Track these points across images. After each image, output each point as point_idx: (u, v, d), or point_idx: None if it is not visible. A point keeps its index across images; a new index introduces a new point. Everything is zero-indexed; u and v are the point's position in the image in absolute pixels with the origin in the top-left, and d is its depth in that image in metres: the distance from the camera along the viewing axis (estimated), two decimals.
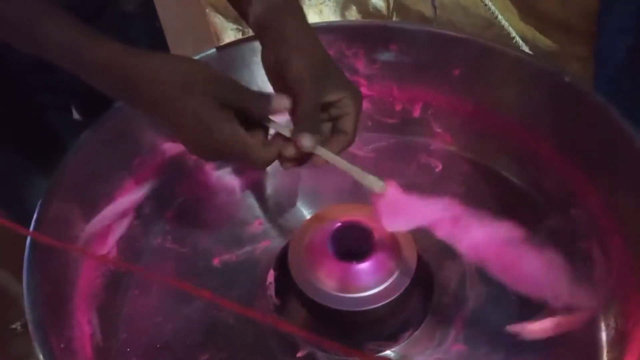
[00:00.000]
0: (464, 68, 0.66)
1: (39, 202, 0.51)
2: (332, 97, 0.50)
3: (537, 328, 0.53)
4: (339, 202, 0.62)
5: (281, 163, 0.50)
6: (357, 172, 0.50)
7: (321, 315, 0.54)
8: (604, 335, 0.54)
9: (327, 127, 0.51)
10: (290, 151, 0.48)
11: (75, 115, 0.78)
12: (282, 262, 0.57)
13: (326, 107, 0.50)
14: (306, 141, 0.47)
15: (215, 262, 0.62)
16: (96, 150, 0.58)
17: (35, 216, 0.50)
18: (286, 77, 0.48)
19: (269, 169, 0.67)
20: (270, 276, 0.58)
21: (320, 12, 1.01)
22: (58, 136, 0.73)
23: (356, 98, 0.51)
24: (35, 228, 0.49)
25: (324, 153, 0.49)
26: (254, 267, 0.61)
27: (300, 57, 0.48)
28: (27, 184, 0.71)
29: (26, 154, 0.72)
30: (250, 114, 0.48)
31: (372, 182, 0.50)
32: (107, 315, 0.56)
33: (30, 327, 0.44)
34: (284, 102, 0.48)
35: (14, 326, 1.17)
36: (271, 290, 0.58)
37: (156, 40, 0.76)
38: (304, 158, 0.49)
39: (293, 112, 0.49)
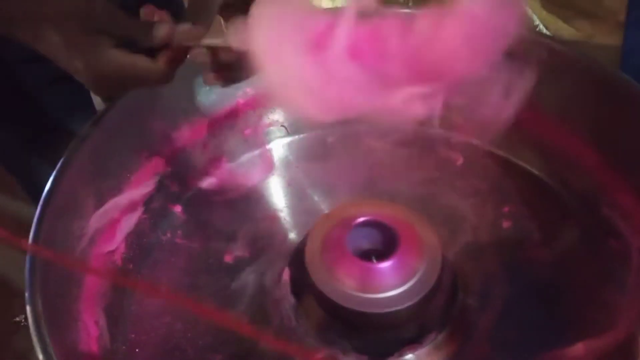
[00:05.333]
0: None
1: (42, 196, 0.49)
2: None
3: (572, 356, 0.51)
4: (357, 196, 0.60)
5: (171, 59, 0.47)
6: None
7: (339, 316, 0.52)
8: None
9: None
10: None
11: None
12: (297, 259, 0.55)
13: None
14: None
15: (227, 258, 0.60)
16: (102, 141, 0.55)
17: (37, 212, 0.48)
18: None
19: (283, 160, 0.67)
20: (286, 274, 0.56)
21: None
22: (64, 111, 0.72)
23: None
24: (37, 225, 0.47)
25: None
26: (268, 265, 0.58)
27: None
28: (35, 157, 0.70)
29: (31, 130, 0.71)
30: (135, 41, 0.46)
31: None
32: (114, 315, 0.54)
33: (32, 329, 0.42)
34: (164, 29, 0.46)
35: (18, 319, 1.16)
36: (286, 289, 0.55)
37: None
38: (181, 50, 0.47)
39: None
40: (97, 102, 0.77)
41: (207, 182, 0.65)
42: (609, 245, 0.57)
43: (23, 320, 1.17)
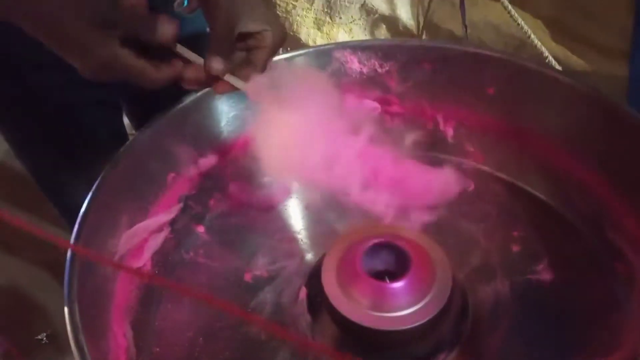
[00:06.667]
0: (499, 87, 0.66)
1: (79, 216, 0.52)
2: (251, 27, 0.50)
3: None
4: (371, 220, 0.62)
5: (182, 83, 0.49)
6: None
7: (353, 333, 0.53)
8: None
9: (239, 56, 0.51)
10: (190, 73, 0.48)
11: (125, 119, 0.79)
12: (314, 278, 0.57)
13: (245, 37, 0.50)
14: (216, 64, 0.48)
15: (247, 277, 0.61)
16: (134, 164, 0.58)
17: (75, 230, 0.51)
18: (208, 1, 0.49)
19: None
20: (302, 293, 0.58)
21: (350, 30, 1.02)
22: (98, 135, 0.73)
23: (277, 35, 0.51)
24: (74, 242, 0.50)
25: (230, 80, 0.49)
26: (286, 284, 0.60)
27: None
28: (71, 180, 0.72)
29: (66, 151, 0.73)
30: (141, 38, 0.46)
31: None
32: (140, 328, 0.55)
33: (71, 338, 0.44)
34: (169, 29, 0.46)
35: (39, 337, 1.18)
36: (303, 307, 0.57)
37: None
38: (206, 81, 0.49)
39: (210, 36, 0.49)
40: (127, 124, 0.80)
41: (229, 204, 0.67)
42: (615, 268, 0.58)
43: (44, 338, 1.19)
